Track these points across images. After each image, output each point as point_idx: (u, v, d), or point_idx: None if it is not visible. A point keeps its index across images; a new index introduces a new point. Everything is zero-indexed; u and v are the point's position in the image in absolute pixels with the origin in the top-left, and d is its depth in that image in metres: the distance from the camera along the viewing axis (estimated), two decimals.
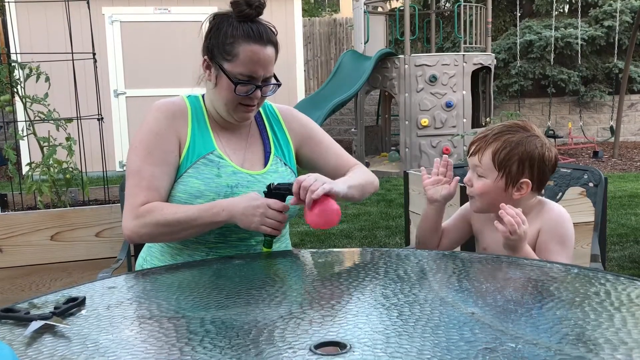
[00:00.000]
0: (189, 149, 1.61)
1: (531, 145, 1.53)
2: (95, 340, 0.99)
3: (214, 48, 1.58)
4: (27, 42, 7.91)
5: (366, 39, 8.40)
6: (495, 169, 1.53)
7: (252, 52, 1.55)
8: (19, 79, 3.18)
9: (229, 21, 1.57)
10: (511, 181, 1.53)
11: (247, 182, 1.62)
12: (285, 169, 1.70)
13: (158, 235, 1.58)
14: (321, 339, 0.96)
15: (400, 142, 8.19)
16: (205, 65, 1.62)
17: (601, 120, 10.84)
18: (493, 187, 1.54)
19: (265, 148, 1.72)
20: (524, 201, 1.56)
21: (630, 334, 0.95)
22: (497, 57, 10.36)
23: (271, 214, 1.48)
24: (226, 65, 1.57)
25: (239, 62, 1.56)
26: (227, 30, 1.56)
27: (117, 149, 8.56)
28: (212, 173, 1.59)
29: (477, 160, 1.55)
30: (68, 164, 3.03)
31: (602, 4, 10.97)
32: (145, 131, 1.60)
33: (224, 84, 1.58)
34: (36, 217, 2.48)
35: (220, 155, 1.62)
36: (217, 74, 1.59)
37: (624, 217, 5.15)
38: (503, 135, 1.54)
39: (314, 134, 1.79)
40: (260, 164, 1.69)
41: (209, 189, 1.58)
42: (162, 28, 8.57)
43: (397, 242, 4.53)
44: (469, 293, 1.17)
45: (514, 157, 1.52)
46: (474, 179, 1.58)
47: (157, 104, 1.65)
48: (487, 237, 1.66)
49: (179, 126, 1.62)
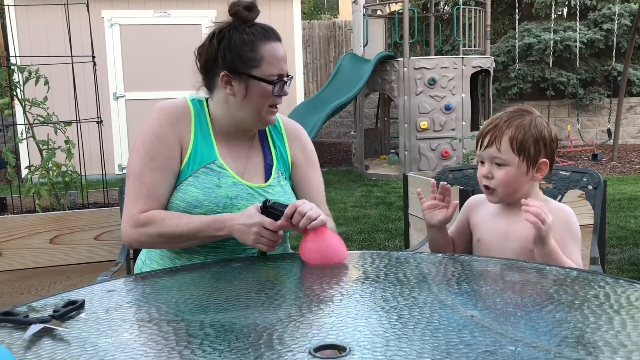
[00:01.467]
0: (190, 156, 1.59)
1: (540, 125, 1.58)
2: (95, 344, 0.99)
3: (233, 61, 1.55)
4: (26, 45, 7.91)
5: (365, 42, 8.41)
6: (515, 154, 1.56)
7: (274, 49, 1.56)
8: (19, 82, 3.18)
9: (237, 29, 1.55)
10: (531, 163, 1.57)
11: (247, 195, 1.60)
12: (286, 183, 1.69)
13: (157, 244, 1.60)
14: (320, 342, 0.96)
15: (400, 145, 8.20)
16: (225, 81, 1.57)
17: (600, 122, 10.85)
18: (517, 172, 1.57)
19: (265, 160, 1.70)
20: (534, 197, 1.59)
21: (629, 337, 0.95)
22: (496, 60, 10.38)
23: (266, 234, 1.47)
24: (255, 72, 1.55)
25: (266, 63, 1.55)
26: (241, 38, 1.54)
27: (117, 152, 8.56)
28: (212, 183, 1.58)
29: (496, 150, 1.57)
30: (67, 167, 3.02)
31: (601, 7, 10.99)
32: (148, 133, 1.59)
33: (256, 92, 1.56)
34: (35, 221, 2.48)
35: (221, 165, 1.61)
36: (246, 84, 1.56)
37: (623, 220, 5.15)
38: (514, 121, 1.57)
39: (310, 167, 1.76)
40: (260, 176, 1.67)
41: (208, 199, 1.57)
42: (161, 31, 8.58)
43: (397, 244, 4.53)
44: (468, 296, 1.17)
45: (529, 139, 1.56)
46: (493, 170, 1.58)
47: (160, 106, 1.63)
48: (482, 229, 1.67)
49: (182, 131, 1.60)
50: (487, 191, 1.62)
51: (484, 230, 1.67)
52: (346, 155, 10.26)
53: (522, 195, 1.58)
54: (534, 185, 1.62)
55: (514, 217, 1.60)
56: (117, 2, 8.48)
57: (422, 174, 4.01)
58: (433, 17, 9.88)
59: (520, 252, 1.57)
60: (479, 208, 1.71)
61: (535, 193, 1.63)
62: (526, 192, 1.59)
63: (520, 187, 1.57)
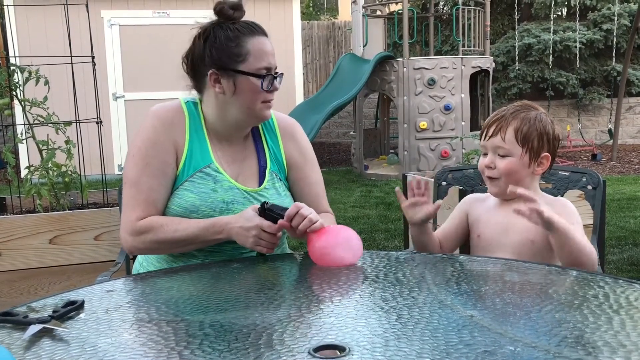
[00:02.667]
0: (185, 161, 1.59)
1: (545, 121, 1.61)
2: (94, 344, 0.99)
3: (220, 57, 1.54)
4: (26, 45, 7.90)
5: (365, 42, 8.41)
6: (519, 145, 1.58)
7: (260, 43, 1.55)
8: (18, 82, 3.18)
9: (221, 27, 1.55)
10: (534, 156, 1.59)
11: (242, 199, 1.60)
12: (280, 185, 1.68)
13: (157, 251, 1.60)
14: (320, 342, 0.96)
15: (399, 145, 8.19)
16: (213, 80, 1.57)
17: (599, 123, 10.85)
18: (519, 163, 1.58)
19: (259, 162, 1.68)
20: (534, 191, 1.61)
21: (629, 337, 0.95)
22: (496, 60, 10.37)
23: (264, 236, 1.47)
24: (242, 67, 1.54)
25: (253, 57, 1.54)
26: (225, 34, 1.54)
27: (116, 152, 8.56)
28: (208, 187, 1.58)
29: (500, 140, 1.59)
30: (67, 167, 3.02)
31: (601, 7, 10.99)
32: (143, 139, 1.58)
33: (245, 87, 1.55)
34: (35, 221, 2.47)
35: (217, 169, 1.60)
36: (234, 80, 1.55)
37: (623, 220, 5.15)
38: (520, 114, 1.60)
39: (307, 165, 1.74)
40: (254, 179, 1.65)
41: (205, 204, 1.56)
42: (160, 31, 8.57)
43: (396, 245, 4.53)
44: (467, 296, 1.17)
45: (533, 132, 1.58)
46: (496, 160, 1.60)
47: (154, 110, 1.62)
48: (482, 224, 1.68)
49: (176, 135, 1.59)
50: (490, 181, 1.63)
51: (483, 224, 1.68)
52: (345, 156, 10.26)
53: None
54: (534, 180, 1.63)
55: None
56: (116, 3, 8.47)
57: (422, 174, 4.01)
58: (432, 17, 9.88)
59: (520, 245, 1.58)
60: (478, 204, 1.72)
61: (534, 188, 1.64)
62: (527, 186, 1.60)
63: (522, 180, 1.59)
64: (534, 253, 1.56)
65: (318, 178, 1.76)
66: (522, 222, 1.54)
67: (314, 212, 1.48)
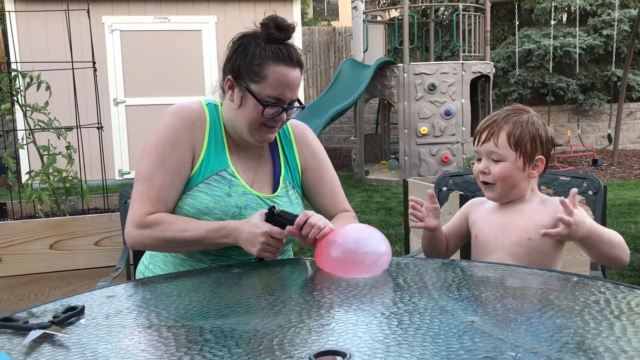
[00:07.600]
0: (202, 163, 1.59)
1: (537, 124, 1.61)
2: (94, 350, 0.99)
3: (240, 68, 1.54)
4: (27, 51, 7.93)
5: (365, 47, 8.42)
6: (512, 150, 1.58)
7: (281, 74, 1.52)
8: (20, 88, 3.18)
9: (256, 42, 1.54)
10: (528, 159, 1.59)
11: (256, 205, 1.60)
12: (293, 192, 1.69)
13: (161, 248, 1.59)
14: (320, 348, 0.95)
15: (400, 150, 8.20)
16: (228, 85, 1.57)
17: (600, 128, 10.86)
18: (513, 168, 1.58)
19: (274, 169, 1.69)
20: (533, 195, 1.63)
21: (630, 343, 0.95)
22: (496, 66, 10.39)
23: (272, 243, 1.47)
24: (253, 87, 1.53)
25: (268, 84, 1.52)
26: (255, 50, 1.52)
27: (117, 157, 8.57)
28: (222, 191, 1.58)
29: (493, 145, 1.59)
30: (68, 172, 3.03)
31: (601, 13, 11.01)
32: (162, 136, 1.57)
33: (249, 105, 1.55)
34: (35, 226, 2.47)
35: (232, 173, 1.60)
36: (243, 94, 1.55)
37: (624, 225, 5.15)
38: (511, 118, 1.60)
39: (321, 166, 1.76)
40: (269, 186, 1.66)
41: (218, 208, 1.56)
42: (161, 37, 8.59)
43: (397, 250, 4.53)
44: (468, 301, 1.16)
45: (526, 136, 1.58)
46: (490, 165, 1.60)
47: (176, 109, 1.60)
48: (480, 224, 1.69)
49: (196, 136, 1.59)
50: (485, 187, 1.64)
51: (481, 225, 1.69)
52: (346, 161, 10.26)
53: (519, 192, 1.61)
54: (531, 182, 1.63)
55: (511, 212, 1.63)
56: (117, 8, 8.49)
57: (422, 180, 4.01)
58: (433, 23, 9.91)
59: (517, 244, 1.59)
60: (478, 207, 1.74)
61: (533, 190, 1.64)
62: (523, 189, 1.62)
63: (518, 183, 1.60)
64: (531, 252, 1.57)
65: (333, 177, 1.78)
66: (519, 222, 1.58)
67: (323, 218, 1.47)
